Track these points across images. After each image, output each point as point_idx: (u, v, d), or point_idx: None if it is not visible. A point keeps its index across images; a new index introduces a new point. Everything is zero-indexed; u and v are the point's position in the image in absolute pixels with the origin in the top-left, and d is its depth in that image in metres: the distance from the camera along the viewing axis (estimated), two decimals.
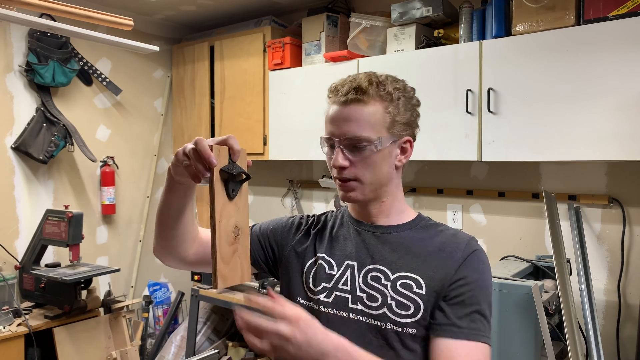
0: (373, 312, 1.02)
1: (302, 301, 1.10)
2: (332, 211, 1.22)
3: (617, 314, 2.28)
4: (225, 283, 0.91)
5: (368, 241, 1.09)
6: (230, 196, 0.92)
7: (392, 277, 1.03)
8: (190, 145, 0.91)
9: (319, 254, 1.12)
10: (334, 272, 1.08)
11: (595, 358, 1.99)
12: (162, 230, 1.08)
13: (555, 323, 2.02)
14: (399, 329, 1.00)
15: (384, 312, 1.01)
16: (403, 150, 1.08)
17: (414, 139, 1.11)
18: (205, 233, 1.15)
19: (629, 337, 2.25)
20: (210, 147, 0.89)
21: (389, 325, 1.00)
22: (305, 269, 1.12)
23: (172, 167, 0.98)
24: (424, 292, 1.00)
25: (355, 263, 1.07)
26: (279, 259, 1.19)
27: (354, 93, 1.02)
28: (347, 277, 1.07)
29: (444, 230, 1.09)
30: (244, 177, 0.94)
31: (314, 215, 1.22)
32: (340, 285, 1.07)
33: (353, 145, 1.03)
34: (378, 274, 1.04)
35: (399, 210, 1.11)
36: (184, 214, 1.06)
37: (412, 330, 0.99)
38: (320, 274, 1.09)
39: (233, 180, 0.92)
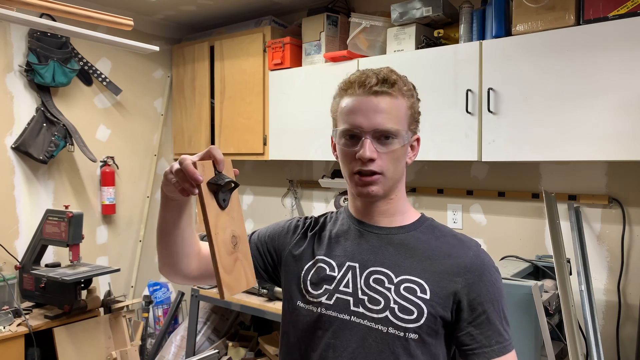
0: (375, 315, 1.00)
1: (302, 304, 1.08)
2: (331, 212, 1.20)
3: (617, 314, 2.28)
4: (231, 291, 0.90)
5: (371, 242, 1.06)
6: (223, 206, 0.92)
7: (395, 281, 1.01)
8: (176, 165, 0.91)
9: (317, 256, 1.10)
10: (335, 274, 1.06)
11: (595, 358, 1.99)
12: (162, 248, 1.06)
13: (555, 323, 2.02)
14: (401, 334, 0.98)
15: (386, 315, 0.99)
16: (412, 148, 1.08)
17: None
18: (206, 248, 1.12)
19: (629, 337, 2.25)
20: (195, 163, 0.89)
21: (391, 330, 0.98)
22: (303, 272, 1.10)
23: (164, 186, 0.97)
24: (428, 297, 0.99)
25: (357, 264, 1.05)
26: (278, 263, 1.17)
27: (383, 84, 1.00)
28: (348, 279, 1.04)
29: (448, 233, 1.08)
30: (233, 185, 0.94)
31: (311, 217, 1.20)
32: (341, 287, 1.04)
33: (383, 137, 1.00)
34: (381, 277, 1.02)
35: (402, 210, 1.09)
36: (182, 230, 1.04)
37: (414, 336, 0.98)
38: (320, 276, 1.07)
39: (222, 190, 0.92)
